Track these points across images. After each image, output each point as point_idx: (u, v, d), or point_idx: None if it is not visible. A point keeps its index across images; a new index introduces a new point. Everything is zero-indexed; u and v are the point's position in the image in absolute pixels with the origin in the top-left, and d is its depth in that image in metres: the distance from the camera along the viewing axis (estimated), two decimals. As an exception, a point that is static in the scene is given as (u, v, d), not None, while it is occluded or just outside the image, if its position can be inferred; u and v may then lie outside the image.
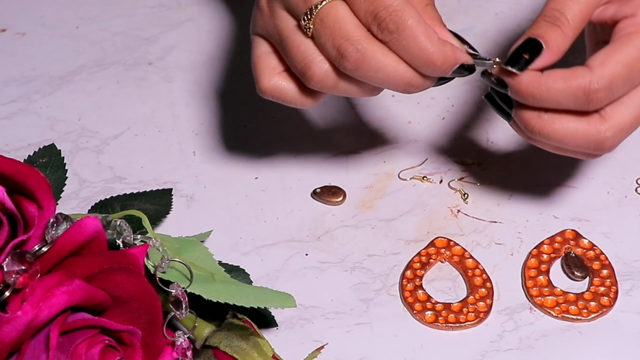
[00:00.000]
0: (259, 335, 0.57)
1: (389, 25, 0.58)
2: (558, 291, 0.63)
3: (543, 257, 0.65)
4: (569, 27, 0.58)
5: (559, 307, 0.62)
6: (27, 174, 0.54)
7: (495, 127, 0.74)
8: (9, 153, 0.73)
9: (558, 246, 0.65)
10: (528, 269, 0.64)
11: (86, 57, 0.80)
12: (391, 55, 0.58)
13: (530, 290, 0.63)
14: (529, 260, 0.65)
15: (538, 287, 0.63)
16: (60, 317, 0.52)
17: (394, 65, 0.59)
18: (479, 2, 0.84)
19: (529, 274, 0.64)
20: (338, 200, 0.69)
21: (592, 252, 0.65)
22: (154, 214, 0.66)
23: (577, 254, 0.64)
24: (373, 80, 0.59)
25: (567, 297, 0.62)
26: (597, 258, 0.64)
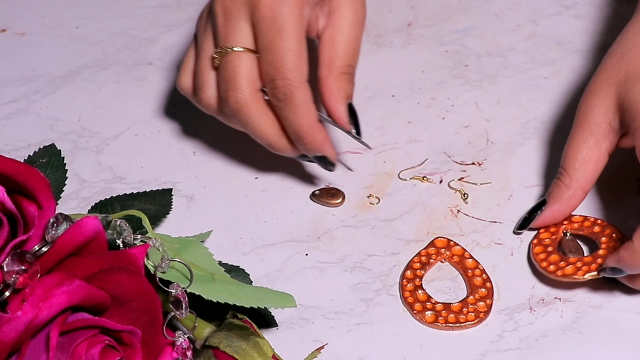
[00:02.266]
0: (259, 335, 0.57)
1: (279, 94, 0.64)
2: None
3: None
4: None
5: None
6: (27, 174, 0.54)
7: (495, 127, 0.74)
8: (9, 153, 0.73)
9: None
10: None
11: (86, 57, 0.80)
12: (264, 118, 0.66)
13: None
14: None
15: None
16: (60, 317, 0.52)
17: (263, 126, 0.66)
18: (479, 2, 0.84)
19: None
20: (337, 202, 0.69)
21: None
22: (154, 214, 0.66)
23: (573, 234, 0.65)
24: (245, 129, 0.67)
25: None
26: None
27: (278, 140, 0.66)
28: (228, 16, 0.65)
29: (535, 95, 0.76)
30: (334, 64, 0.66)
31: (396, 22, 0.82)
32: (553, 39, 0.81)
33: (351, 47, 0.67)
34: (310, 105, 0.65)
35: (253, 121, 0.66)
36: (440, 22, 0.82)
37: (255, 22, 0.64)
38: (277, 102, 0.65)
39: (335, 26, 0.67)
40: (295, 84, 0.64)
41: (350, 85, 0.67)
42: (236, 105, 0.65)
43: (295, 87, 0.64)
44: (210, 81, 0.67)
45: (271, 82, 0.64)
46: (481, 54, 0.80)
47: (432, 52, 0.80)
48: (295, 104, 0.64)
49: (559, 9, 0.83)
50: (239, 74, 0.65)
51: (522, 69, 0.78)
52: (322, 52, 0.67)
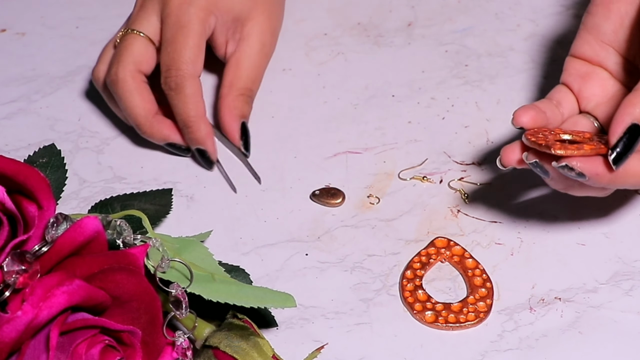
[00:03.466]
0: (259, 335, 0.57)
1: (171, 83, 0.70)
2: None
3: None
4: None
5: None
6: (27, 174, 0.54)
7: (495, 127, 0.74)
8: (9, 153, 0.73)
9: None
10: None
11: (86, 57, 0.80)
12: (136, 95, 0.70)
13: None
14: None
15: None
16: (60, 317, 0.52)
17: (133, 104, 0.70)
18: (479, 2, 0.84)
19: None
20: (337, 202, 0.69)
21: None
22: (154, 214, 0.66)
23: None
24: (119, 103, 0.71)
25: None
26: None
27: (145, 122, 0.70)
28: (142, 7, 0.73)
29: (535, 95, 0.76)
30: (235, 85, 0.72)
31: (396, 22, 0.82)
32: (553, 39, 0.81)
33: (253, 73, 0.73)
34: (199, 98, 0.70)
35: (126, 97, 0.70)
36: (440, 22, 0.82)
37: (164, 17, 0.71)
38: (168, 90, 0.70)
39: (242, 52, 0.73)
40: (187, 75, 0.70)
41: (246, 107, 0.72)
42: (114, 77, 0.70)
43: (186, 79, 0.70)
44: (107, 57, 0.73)
45: (166, 71, 0.70)
46: (481, 54, 0.80)
47: (432, 52, 0.80)
48: (185, 94, 0.70)
49: (559, 9, 0.83)
50: (129, 50, 0.71)
51: (522, 69, 0.78)
52: (227, 74, 0.73)
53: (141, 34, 0.71)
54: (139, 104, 0.70)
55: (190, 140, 0.71)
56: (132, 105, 0.70)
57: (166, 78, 0.70)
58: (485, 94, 0.77)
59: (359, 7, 0.84)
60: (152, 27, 0.72)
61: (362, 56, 0.80)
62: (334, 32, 0.82)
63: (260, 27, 0.74)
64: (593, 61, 0.65)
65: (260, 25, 0.74)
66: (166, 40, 0.70)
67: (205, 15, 0.71)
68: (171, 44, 0.70)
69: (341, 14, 0.83)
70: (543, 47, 0.80)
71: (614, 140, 0.58)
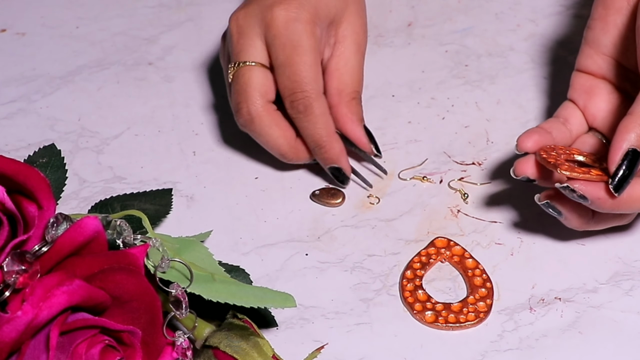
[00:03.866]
0: (259, 335, 0.57)
1: (299, 106, 0.67)
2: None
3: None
4: None
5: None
6: (27, 174, 0.54)
7: (495, 127, 0.74)
8: (9, 153, 0.73)
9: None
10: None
11: (86, 57, 0.80)
12: (275, 128, 0.68)
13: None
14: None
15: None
16: (60, 317, 0.52)
17: (275, 136, 0.68)
18: (479, 2, 0.84)
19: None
20: (337, 202, 0.69)
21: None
22: (154, 214, 0.66)
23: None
24: (258, 140, 0.69)
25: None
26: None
27: (289, 149, 0.69)
28: (241, 34, 0.68)
29: (535, 95, 0.76)
30: (344, 90, 0.70)
31: (396, 22, 0.82)
32: (553, 39, 0.81)
33: (357, 75, 0.71)
34: (328, 116, 0.68)
35: (266, 132, 0.68)
36: (440, 22, 0.82)
37: (270, 39, 0.67)
38: (296, 114, 0.67)
39: (340, 56, 0.70)
40: (314, 95, 0.67)
41: (361, 109, 0.70)
42: (248, 116, 0.68)
43: (313, 99, 0.67)
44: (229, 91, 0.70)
45: (290, 95, 0.67)
46: (481, 54, 0.80)
47: (432, 52, 0.80)
48: (315, 115, 0.67)
49: (559, 9, 0.83)
50: (251, 85, 0.67)
51: (522, 69, 0.78)
52: (330, 80, 0.70)
53: (253, 64, 0.68)
54: (280, 135, 0.68)
55: (323, 160, 0.69)
56: (274, 138, 0.68)
57: (292, 102, 0.67)
58: (485, 94, 0.77)
59: (359, 7, 0.84)
60: (260, 52, 0.68)
61: (362, 56, 0.80)
62: (334, 32, 0.82)
63: (353, 28, 0.71)
64: (597, 75, 0.66)
65: (353, 25, 0.71)
66: (281, 63, 0.67)
67: (312, 28, 0.67)
68: (289, 66, 0.67)
69: (341, 14, 0.83)
70: (543, 47, 0.80)
71: (613, 168, 0.59)
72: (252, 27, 0.68)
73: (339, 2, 0.70)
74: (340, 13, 0.70)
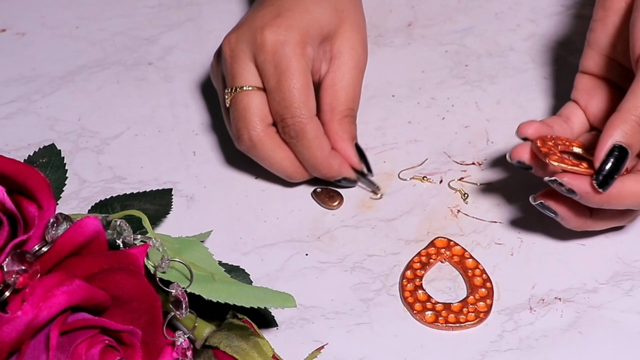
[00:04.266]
0: (259, 335, 0.57)
1: (291, 132, 0.67)
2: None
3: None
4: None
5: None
6: (27, 174, 0.54)
7: (495, 127, 0.74)
8: (9, 153, 0.73)
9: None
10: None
11: (86, 57, 0.80)
12: (278, 151, 0.68)
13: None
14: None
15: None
16: (60, 317, 0.52)
17: (278, 159, 0.68)
18: (479, 2, 0.84)
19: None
20: (334, 204, 0.69)
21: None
22: (154, 214, 0.66)
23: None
24: (262, 164, 0.69)
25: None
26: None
27: (295, 170, 0.68)
28: (235, 58, 0.68)
29: (535, 95, 0.76)
30: (336, 108, 0.69)
31: (396, 22, 0.82)
32: (553, 39, 0.81)
33: (352, 92, 0.69)
34: (322, 137, 0.67)
35: (269, 156, 0.68)
36: (440, 22, 0.82)
37: (260, 64, 0.67)
38: (289, 139, 0.67)
39: (336, 72, 0.69)
40: (305, 120, 0.66)
41: (353, 127, 0.69)
42: (250, 142, 0.67)
43: (305, 123, 0.66)
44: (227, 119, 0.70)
45: (282, 120, 0.67)
46: (481, 54, 0.80)
47: (432, 52, 0.80)
48: (308, 139, 0.67)
49: (559, 9, 0.83)
50: (250, 111, 0.67)
51: (522, 69, 0.78)
52: (324, 97, 0.69)
53: (250, 88, 0.67)
54: (284, 157, 0.68)
55: (325, 178, 0.69)
56: (278, 161, 0.68)
57: (283, 127, 0.67)
58: (485, 94, 0.77)
59: (359, 7, 0.84)
60: (254, 75, 0.67)
61: (362, 56, 0.80)
62: (334, 32, 0.82)
63: (350, 42, 0.69)
64: (599, 75, 0.66)
65: (349, 40, 0.69)
66: (271, 88, 0.67)
67: (302, 50, 0.67)
68: (279, 91, 0.66)
69: (341, 14, 0.83)
70: (543, 47, 0.80)
71: (597, 164, 0.59)
72: (244, 50, 0.67)
73: (332, 17, 0.69)
74: (335, 29, 0.69)
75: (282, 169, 0.68)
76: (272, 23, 0.67)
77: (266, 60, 0.67)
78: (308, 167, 0.68)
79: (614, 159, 0.59)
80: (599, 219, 0.63)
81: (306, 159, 0.68)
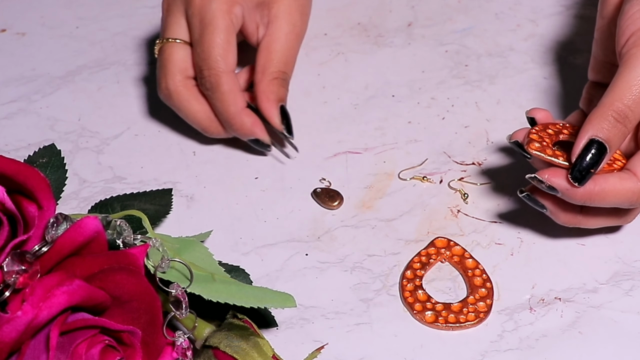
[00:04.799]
0: (259, 335, 0.57)
1: (206, 83, 0.69)
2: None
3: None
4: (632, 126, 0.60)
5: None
6: (27, 174, 0.54)
7: (495, 127, 0.74)
8: (9, 153, 0.73)
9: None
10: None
11: (86, 57, 0.80)
12: (194, 103, 0.70)
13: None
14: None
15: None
16: (60, 317, 0.52)
17: (194, 111, 0.70)
18: (479, 2, 0.84)
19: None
20: (334, 204, 0.69)
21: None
22: (154, 214, 0.66)
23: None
24: (179, 114, 0.71)
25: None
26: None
27: (210, 124, 0.71)
28: (169, 12, 0.72)
29: (535, 95, 0.76)
30: (267, 69, 0.71)
31: (396, 22, 0.82)
32: (553, 39, 0.81)
33: (285, 55, 0.71)
34: (237, 92, 0.70)
35: (184, 106, 0.70)
36: (440, 22, 0.82)
37: (189, 17, 0.70)
38: (205, 91, 0.70)
39: (272, 35, 0.72)
40: (221, 73, 0.69)
41: (282, 90, 0.71)
42: (167, 91, 0.70)
43: (220, 77, 0.69)
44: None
45: (200, 72, 0.70)
46: (481, 54, 0.80)
47: (432, 52, 0.80)
48: (222, 92, 0.69)
49: (559, 9, 0.83)
50: (171, 61, 0.70)
51: (522, 69, 0.78)
52: (258, 59, 0.71)
53: (177, 41, 0.70)
54: (199, 109, 0.70)
55: (238, 134, 0.70)
56: (193, 112, 0.70)
57: (201, 79, 0.70)
58: (485, 94, 0.77)
59: (359, 7, 0.84)
60: (184, 29, 0.71)
61: (362, 56, 0.80)
62: (334, 32, 0.82)
63: (287, 7, 0.72)
64: (603, 83, 0.66)
65: (287, 5, 0.72)
66: (195, 41, 0.70)
67: (229, 7, 0.70)
68: (200, 44, 0.69)
69: (341, 14, 0.83)
70: (543, 47, 0.80)
71: (574, 158, 0.59)
72: (177, 4, 0.71)
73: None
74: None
75: (196, 121, 0.71)
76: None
77: (193, 14, 0.70)
78: (222, 121, 0.70)
79: (591, 154, 0.59)
80: (590, 216, 0.63)
81: (220, 113, 0.70)
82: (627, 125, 0.59)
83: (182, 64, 0.70)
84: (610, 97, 0.59)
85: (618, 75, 0.60)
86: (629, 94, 0.59)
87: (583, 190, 0.59)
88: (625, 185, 0.60)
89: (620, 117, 0.59)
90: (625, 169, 0.61)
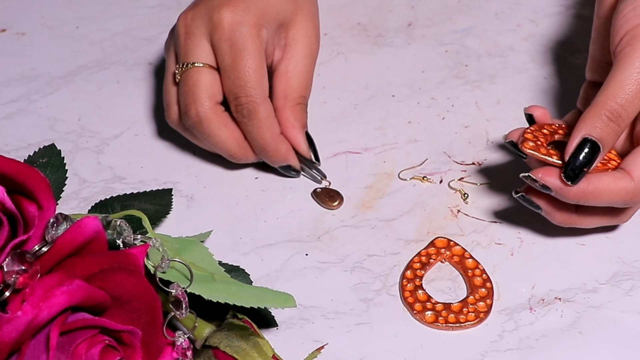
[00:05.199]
0: (259, 335, 0.57)
1: (243, 110, 0.67)
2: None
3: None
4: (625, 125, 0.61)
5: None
6: (27, 174, 0.54)
7: (495, 127, 0.74)
8: (9, 153, 0.73)
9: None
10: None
11: (86, 57, 0.80)
12: (224, 129, 0.68)
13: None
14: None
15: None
16: (60, 317, 0.52)
17: (223, 137, 0.68)
18: (479, 2, 0.84)
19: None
20: (334, 204, 0.69)
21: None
22: (154, 214, 0.66)
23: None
24: (206, 141, 0.69)
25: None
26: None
27: (238, 150, 0.69)
28: (189, 34, 0.69)
29: (535, 95, 0.76)
30: (289, 95, 0.70)
31: (396, 22, 0.82)
32: (553, 39, 0.81)
33: (305, 80, 0.71)
34: (273, 119, 0.68)
35: (214, 133, 0.68)
36: (440, 22, 0.82)
37: (216, 42, 0.68)
38: (241, 118, 0.68)
39: (290, 59, 0.70)
40: (258, 100, 0.67)
41: (304, 115, 0.70)
42: (197, 118, 0.68)
43: (258, 104, 0.67)
44: (173, 98, 0.70)
45: (235, 99, 0.68)
46: (481, 54, 0.80)
47: (432, 52, 0.80)
48: (259, 119, 0.68)
49: (559, 9, 0.83)
50: (199, 87, 0.68)
51: (522, 69, 0.78)
52: (277, 83, 0.70)
53: (201, 65, 0.68)
54: (229, 136, 0.68)
55: (271, 161, 0.70)
56: (223, 139, 0.68)
57: (236, 106, 0.67)
58: (485, 94, 0.77)
59: (359, 7, 0.84)
60: (207, 53, 0.68)
61: (362, 56, 0.80)
62: (334, 32, 0.82)
63: (304, 31, 0.71)
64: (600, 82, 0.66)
65: (304, 29, 0.71)
66: (226, 67, 0.67)
67: (258, 31, 0.68)
68: (233, 70, 0.67)
69: (341, 14, 0.83)
70: (543, 47, 0.80)
71: (567, 157, 0.60)
72: (199, 27, 0.68)
73: (288, 5, 0.70)
74: (291, 16, 0.70)
75: (226, 148, 0.69)
76: (230, 3, 0.68)
77: (222, 39, 0.67)
78: (256, 147, 0.69)
79: (584, 152, 0.59)
80: (585, 215, 0.63)
81: (255, 139, 0.68)
82: (621, 124, 0.60)
83: (211, 90, 0.68)
84: (603, 96, 0.60)
85: (611, 74, 0.60)
86: (623, 93, 0.59)
87: (576, 189, 0.59)
88: (618, 184, 0.60)
89: (614, 116, 0.59)
90: (619, 168, 0.61)
